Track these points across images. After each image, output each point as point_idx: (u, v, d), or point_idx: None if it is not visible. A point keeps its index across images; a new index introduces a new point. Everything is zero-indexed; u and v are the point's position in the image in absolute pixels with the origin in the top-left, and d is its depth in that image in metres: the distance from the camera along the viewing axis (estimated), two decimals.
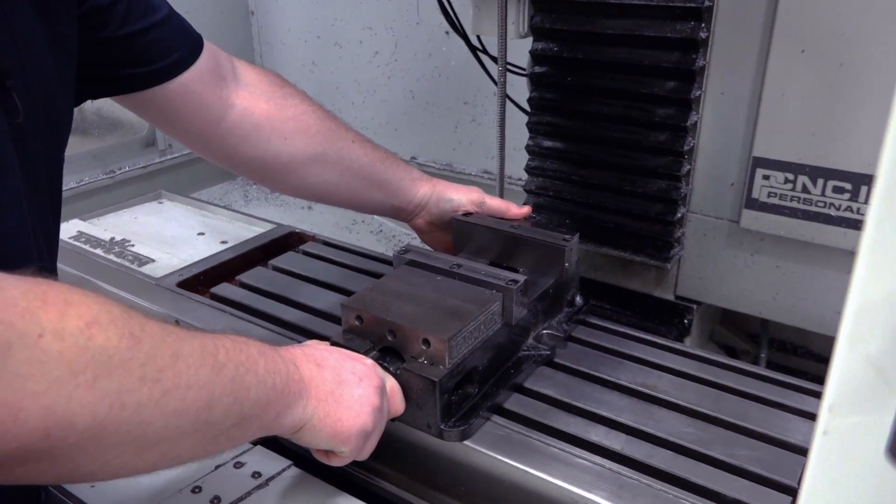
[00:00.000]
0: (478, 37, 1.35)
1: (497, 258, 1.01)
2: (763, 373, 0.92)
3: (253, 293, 1.13)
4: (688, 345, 1.22)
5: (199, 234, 1.40)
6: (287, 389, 0.65)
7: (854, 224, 1.05)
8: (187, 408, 0.54)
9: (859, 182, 1.02)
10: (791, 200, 1.09)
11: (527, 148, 1.28)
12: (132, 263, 1.24)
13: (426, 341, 0.78)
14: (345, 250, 1.26)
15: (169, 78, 0.90)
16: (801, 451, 0.79)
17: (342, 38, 2.16)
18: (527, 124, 1.27)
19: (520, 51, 1.25)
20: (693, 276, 1.25)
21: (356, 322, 0.82)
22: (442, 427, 0.79)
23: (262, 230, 1.37)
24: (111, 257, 1.27)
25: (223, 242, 1.34)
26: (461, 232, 1.05)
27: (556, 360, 0.94)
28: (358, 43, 2.12)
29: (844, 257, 1.09)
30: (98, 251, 1.29)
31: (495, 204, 1.09)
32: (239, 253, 1.25)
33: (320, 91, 2.26)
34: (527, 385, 0.90)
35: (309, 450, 0.75)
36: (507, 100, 1.24)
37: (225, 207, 1.52)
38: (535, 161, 1.28)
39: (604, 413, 0.84)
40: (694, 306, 1.27)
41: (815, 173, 1.05)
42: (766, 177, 1.09)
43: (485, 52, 1.41)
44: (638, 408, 0.86)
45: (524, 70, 1.26)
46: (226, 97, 0.97)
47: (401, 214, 1.12)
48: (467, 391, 0.84)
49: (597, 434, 0.82)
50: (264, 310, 1.07)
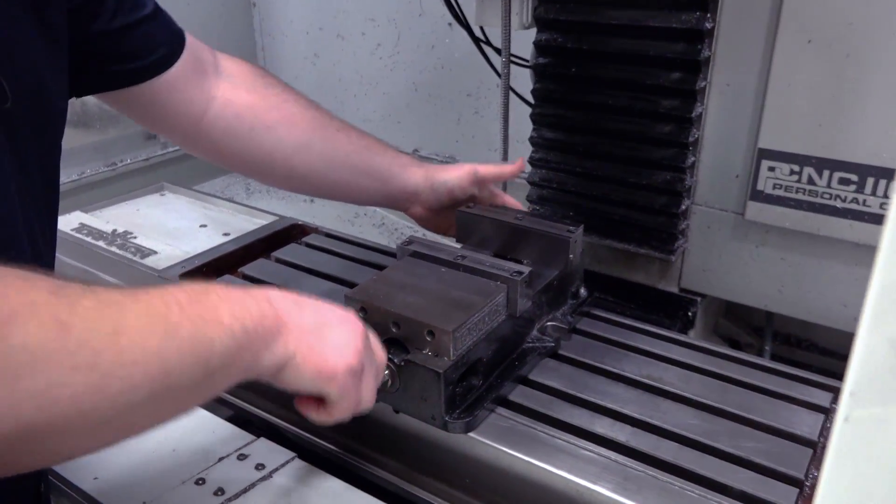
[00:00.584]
0: (481, 28, 1.34)
1: (501, 249, 1.01)
2: (769, 365, 0.92)
3: (256, 285, 1.13)
4: (692, 337, 1.21)
5: (202, 226, 1.39)
6: (261, 328, 0.62)
7: (860, 216, 1.04)
8: (137, 383, 0.51)
9: (865, 173, 1.02)
10: (797, 192, 1.08)
11: (530, 140, 1.27)
12: (134, 255, 1.24)
13: (431, 333, 0.77)
14: (348, 242, 1.26)
15: (157, 73, 0.90)
16: (808, 443, 0.78)
17: (344, 30, 2.15)
18: (530, 116, 1.26)
19: (523, 42, 1.24)
20: (697, 269, 1.24)
21: (360, 314, 0.82)
22: (446, 419, 0.79)
23: (265, 222, 1.36)
24: (114, 249, 1.26)
25: (225, 234, 1.34)
26: (465, 223, 1.04)
27: (561, 352, 0.94)
28: (360, 35, 2.11)
29: (850, 249, 1.08)
30: (100, 243, 1.29)
31: (490, 170, 1.08)
32: (241, 245, 1.24)
33: (322, 83, 2.25)
34: (531, 377, 0.89)
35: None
36: (511, 91, 1.24)
37: (227, 200, 1.52)
38: (539, 153, 1.27)
39: (609, 405, 0.84)
40: (698, 299, 1.27)
41: (821, 165, 1.05)
42: (772, 168, 1.09)
43: (488, 44, 1.40)
44: (643, 400, 0.85)
45: (528, 61, 1.26)
46: (208, 90, 0.96)
47: (395, 203, 1.11)
48: (472, 383, 0.83)
49: (602, 426, 0.81)
50: None
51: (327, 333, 0.67)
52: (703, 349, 0.95)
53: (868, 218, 1.03)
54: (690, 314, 1.27)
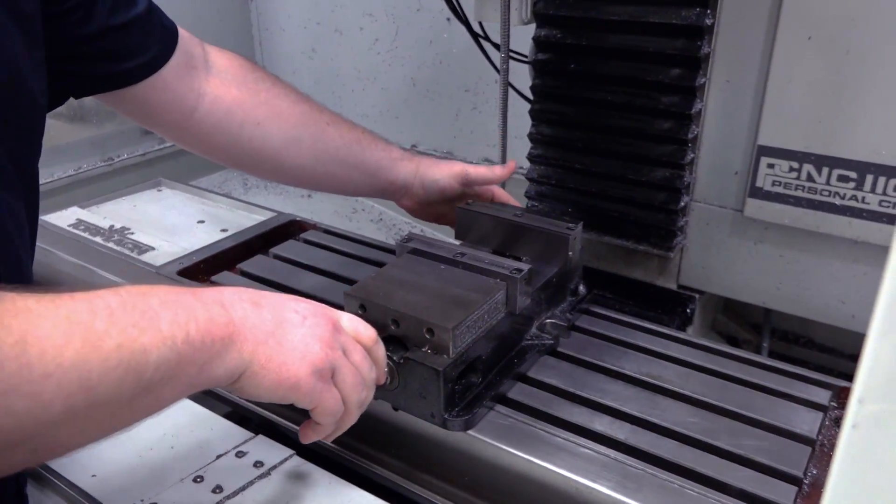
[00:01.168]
0: (479, 23, 1.34)
1: (500, 247, 1.01)
2: (768, 363, 0.92)
3: (254, 282, 1.13)
4: (690, 334, 1.21)
5: (199, 222, 1.39)
6: (209, 336, 0.57)
7: (859, 213, 1.04)
8: (49, 399, 0.46)
9: (865, 171, 1.02)
10: (796, 189, 1.08)
11: (529, 136, 1.27)
12: (132, 251, 1.24)
13: (430, 330, 0.77)
14: (346, 238, 1.26)
15: (152, 72, 0.90)
16: (807, 441, 0.79)
17: (342, 25, 2.14)
18: (529, 112, 1.26)
19: (521, 38, 1.24)
20: (696, 266, 1.24)
21: (359, 311, 0.81)
22: (446, 416, 0.79)
23: (263, 218, 1.36)
24: (111, 245, 1.26)
25: (223, 231, 1.33)
26: (464, 220, 1.04)
27: (560, 350, 0.94)
28: (358, 29, 2.10)
29: (849, 246, 1.08)
30: (97, 239, 1.28)
31: (480, 172, 1.08)
32: (239, 241, 1.24)
33: (320, 78, 2.24)
34: (530, 374, 0.89)
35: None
36: (510, 87, 1.23)
37: (225, 195, 1.52)
38: (538, 149, 1.27)
39: (608, 403, 0.84)
40: (696, 296, 1.27)
41: (821, 162, 1.04)
42: (771, 165, 1.08)
43: (487, 39, 1.39)
44: (642, 397, 0.85)
45: (526, 57, 1.25)
46: (198, 86, 0.96)
47: (385, 196, 1.12)
48: (471, 381, 0.83)
49: (601, 424, 0.81)
50: None
51: (288, 335, 0.63)
52: (703, 347, 0.95)
53: (867, 215, 1.03)
54: (689, 311, 1.27)
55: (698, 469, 0.75)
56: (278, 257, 1.20)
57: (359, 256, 1.19)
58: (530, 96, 1.25)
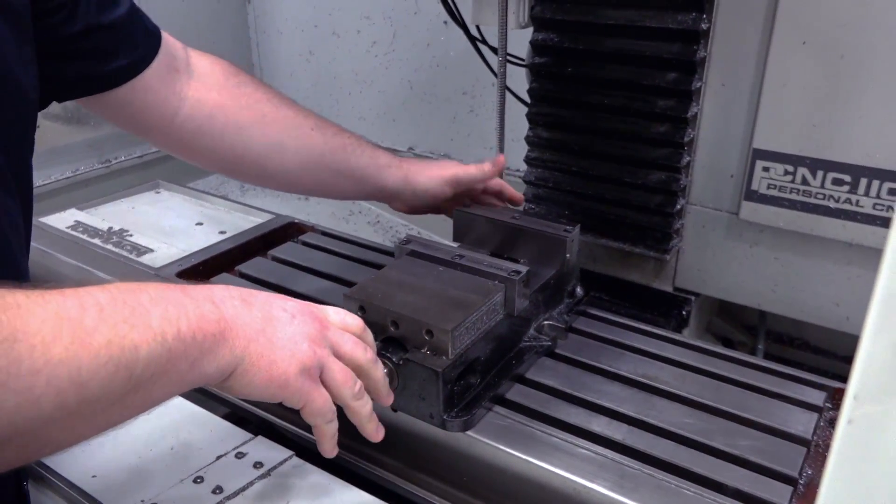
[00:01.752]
0: (477, 27, 1.35)
1: (498, 249, 1.01)
2: (764, 364, 0.92)
3: (253, 283, 1.13)
4: (686, 336, 1.22)
5: (198, 224, 1.39)
6: (200, 332, 0.57)
7: (853, 216, 1.05)
8: (40, 396, 0.46)
9: (859, 174, 1.03)
10: (790, 192, 1.09)
11: (526, 139, 1.28)
12: (130, 253, 1.24)
13: (429, 332, 0.78)
14: (344, 241, 1.26)
15: (134, 74, 0.89)
16: (802, 442, 0.79)
17: (340, 28, 2.14)
18: (527, 115, 1.26)
19: (518, 41, 1.25)
20: (692, 268, 1.25)
21: (359, 312, 0.82)
22: (445, 417, 0.79)
23: (261, 220, 1.36)
24: (109, 247, 1.26)
25: (222, 233, 1.34)
26: (463, 223, 1.05)
27: (558, 351, 0.94)
28: (356, 32, 2.11)
29: (843, 249, 1.09)
30: (96, 241, 1.29)
31: (470, 174, 1.07)
32: (238, 243, 1.24)
33: (317, 81, 2.25)
34: (528, 376, 0.90)
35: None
36: (507, 90, 1.24)
37: (222, 197, 1.52)
38: (535, 152, 1.28)
39: (605, 403, 0.85)
40: (692, 298, 1.28)
41: (815, 165, 1.05)
42: (766, 168, 1.09)
43: (484, 43, 1.40)
44: (639, 398, 0.86)
45: (524, 60, 1.26)
46: (179, 90, 0.95)
47: (376, 199, 1.11)
48: (469, 382, 0.84)
49: (598, 424, 0.82)
50: None
51: (278, 332, 0.63)
52: (699, 348, 0.96)
53: (861, 218, 1.04)
54: (685, 313, 1.27)
55: (695, 469, 0.75)
56: (277, 259, 1.20)
57: (357, 259, 1.19)
58: (527, 99, 1.26)
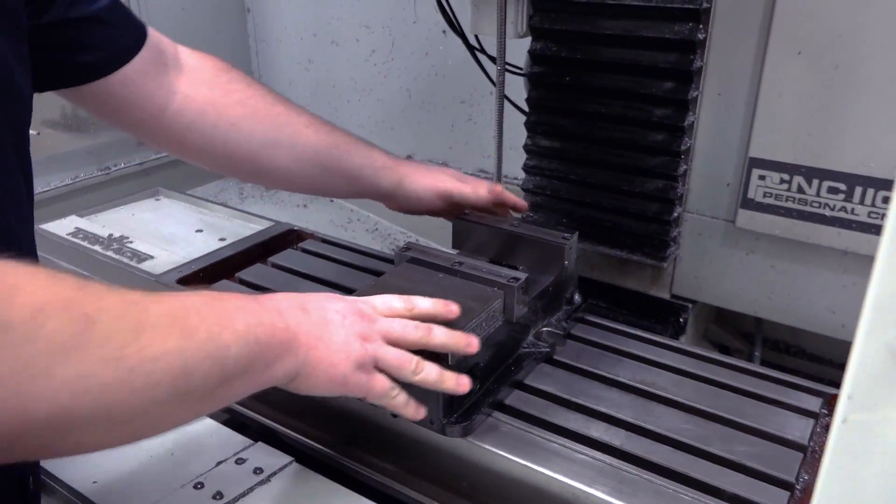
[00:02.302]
0: (475, 36, 1.36)
1: (497, 256, 1.02)
2: (760, 370, 0.93)
3: (253, 290, 1.14)
4: (683, 343, 1.23)
5: (198, 231, 1.40)
6: (274, 340, 0.64)
7: (848, 224, 1.06)
8: (159, 380, 0.53)
9: (854, 183, 1.04)
10: (786, 201, 1.10)
11: (525, 147, 1.29)
12: (131, 260, 1.25)
13: None
14: (344, 248, 1.27)
15: (116, 67, 0.89)
16: (798, 447, 0.80)
17: (339, 36, 2.15)
18: (525, 124, 1.27)
19: (517, 51, 1.26)
20: (689, 275, 1.26)
21: None
22: (444, 423, 0.80)
23: (260, 227, 1.37)
24: (110, 254, 1.27)
25: (222, 239, 1.34)
26: (461, 230, 1.05)
27: (556, 358, 0.95)
28: (354, 41, 2.12)
29: (838, 257, 1.10)
30: (96, 247, 1.29)
31: (464, 194, 1.06)
32: (238, 250, 1.25)
33: (316, 89, 2.26)
34: (527, 382, 0.90)
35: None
36: (505, 99, 1.25)
37: (221, 204, 1.53)
38: (533, 160, 1.29)
39: (604, 409, 0.85)
40: (689, 305, 1.29)
41: (811, 174, 1.06)
42: (762, 177, 1.10)
43: (482, 52, 1.41)
44: (637, 404, 0.87)
45: (522, 69, 1.27)
46: (167, 85, 0.95)
47: (370, 199, 1.11)
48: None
49: (597, 430, 0.82)
50: None
51: (333, 336, 0.69)
52: (696, 355, 0.97)
53: (856, 226, 1.05)
54: (682, 320, 1.28)
55: (692, 474, 0.76)
56: (277, 266, 1.21)
57: (357, 266, 1.20)
58: (525, 108, 1.27)
